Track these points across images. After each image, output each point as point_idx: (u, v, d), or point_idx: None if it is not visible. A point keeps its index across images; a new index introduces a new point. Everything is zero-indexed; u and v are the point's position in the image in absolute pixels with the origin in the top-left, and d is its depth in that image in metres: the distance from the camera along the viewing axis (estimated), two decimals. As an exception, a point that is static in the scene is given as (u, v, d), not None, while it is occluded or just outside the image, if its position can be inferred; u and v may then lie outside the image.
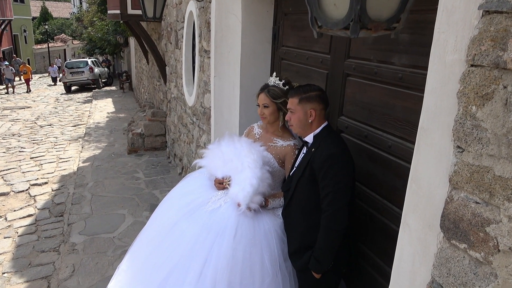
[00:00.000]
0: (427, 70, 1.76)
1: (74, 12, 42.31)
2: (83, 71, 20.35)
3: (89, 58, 22.59)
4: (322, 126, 1.99)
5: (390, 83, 1.96)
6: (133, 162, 6.89)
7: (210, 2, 3.47)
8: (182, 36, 4.82)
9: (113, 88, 21.08)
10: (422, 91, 1.79)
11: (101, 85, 21.27)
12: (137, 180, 6.00)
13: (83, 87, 20.65)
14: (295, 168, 2.08)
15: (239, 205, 2.15)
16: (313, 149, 1.93)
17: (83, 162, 7.04)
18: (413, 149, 1.85)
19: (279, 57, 3.17)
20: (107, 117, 11.78)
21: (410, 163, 1.89)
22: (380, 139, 2.05)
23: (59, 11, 53.55)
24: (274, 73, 2.36)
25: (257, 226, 2.12)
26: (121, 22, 10.98)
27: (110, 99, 15.87)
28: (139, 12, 6.03)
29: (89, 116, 12.19)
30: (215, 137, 3.56)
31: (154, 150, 7.41)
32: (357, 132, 2.23)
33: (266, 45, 3.26)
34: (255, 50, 3.24)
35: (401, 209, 1.95)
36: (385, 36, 2.05)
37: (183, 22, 4.69)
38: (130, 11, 6.33)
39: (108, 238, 4.17)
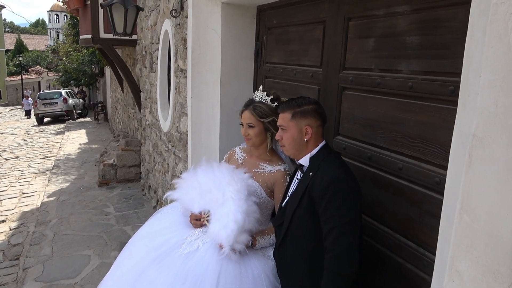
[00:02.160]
0: (444, 76, 1.48)
1: (50, 45, 41.93)
2: (56, 102, 19.71)
3: (63, 89, 22.01)
4: (320, 145, 1.66)
5: (397, 94, 1.66)
6: (103, 195, 6.35)
7: (186, 18, 3.19)
8: (157, 58, 4.51)
9: (88, 119, 20.45)
10: (439, 100, 1.50)
11: (75, 117, 20.62)
12: (106, 215, 5.46)
13: (57, 119, 19.93)
14: (288, 198, 1.71)
15: (221, 246, 1.75)
16: (310, 174, 1.58)
17: (48, 197, 6.44)
18: (430, 171, 1.54)
19: (263, 75, 2.88)
20: (78, 148, 11.18)
21: (426, 187, 1.58)
22: (387, 160, 1.73)
23: (35, 43, 53.11)
24: (261, 87, 2.04)
25: (244, 271, 1.72)
26: (97, 52, 10.67)
27: (84, 130, 15.25)
28: (112, 35, 5.72)
29: (59, 147, 11.55)
30: (193, 165, 3.17)
31: (127, 182, 6.89)
32: (358, 153, 1.91)
33: (249, 63, 2.97)
34: (236, 67, 2.94)
35: (419, 244, 1.62)
36: (388, 41, 1.78)
37: (158, 43, 4.39)
38: (102, 34, 6.01)
39: (68, 285, 3.61)
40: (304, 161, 1.66)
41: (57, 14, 50.38)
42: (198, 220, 1.96)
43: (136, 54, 6.41)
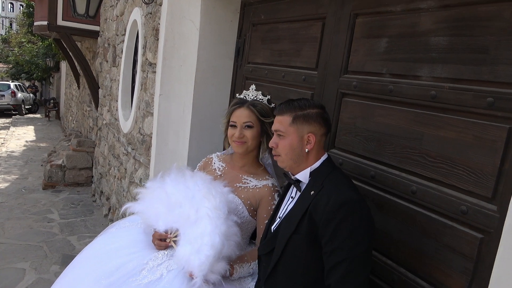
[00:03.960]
0: (480, 85, 1.25)
1: (1, 34, 39.19)
2: (3, 95, 18.24)
3: (12, 82, 20.45)
4: (322, 159, 1.38)
5: (415, 104, 1.42)
6: (48, 199, 5.69)
7: (160, 5, 2.83)
8: (122, 51, 4.08)
9: (38, 115, 19.07)
10: (471, 114, 1.24)
11: (23, 112, 19.17)
12: (49, 222, 4.85)
13: (2, 113, 18.39)
14: (280, 220, 1.40)
15: (191, 276, 1.41)
16: (312, 192, 1.28)
17: (-19, 199, 5.68)
18: (454, 197, 1.29)
19: (243, 76, 2.58)
20: (24, 145, 10.22)
21: (447, 216, 1.32)
22: (396, 181, 1.47)
23: (-16, 32, 49.56)
24: (253, 86, 1.72)
25: (220, 310, 1.38)
26: (53, 44, 9.87)
27: (32, 127, 14.11)
28: (72, 24, 5.20)
29: (2, 143, 10.51)
30: (156, 172, 2.79)
31: (76, 186, 6.26)
32: (358, 170, 1.64)
33: (228, 61, 2.66)
34: (214, 65, 2.62)
35: (432, 283, 1.36)
36: (406, 42, 1.54)
37: (124, 34, 3.97)
38: (60, 22, 5.42)
39: (-6, 306, 3.05)
40: (303, 176, 1.36)
41: (11, 3, 47.40)
42: (163, 241, 1.60)
43: (97, 47, 5.89)
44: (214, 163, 1.84)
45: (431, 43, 1.37)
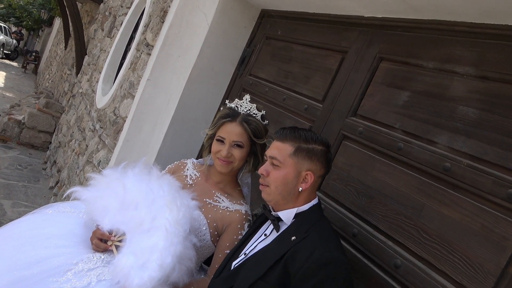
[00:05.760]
0: (503, 173, 1.12)
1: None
2: (-18, 31, 17.27)
3: (-2, 21, 19.50)
4: (313, 203, 1.21)
5: (424, 172, 1.28)
6: (-6, 153, 5.23)
7: (176, -11, 2.64)
8: (121, 24, 3.83)
9: (15, 64, 18.10)
10: (486, 201, 1.10)
11: (0, 55, 18.13)
12: (-13, 178, 4.42)
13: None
14: (246, 258, 1.20)
15: (125, 294, 1.17)
16: (293, 238, 1.10)
17: None
18: (443, 287, 1.15)
19: (241, 86, 2.41)
20: (-12, 90, 9.57)
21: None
22: (381, 248, 1.31)
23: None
24: (247, 96, 1.53)
25: None
26: (53, -2, 9.40)
27: (4, 73, 13.30)
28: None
29: (-36, 81, 9.81)
30: (119, 159, 2.53)
31: (30, 148, 5.80)
32: (340, 223, 1.48)
33: (229, 67, 2.49)
34: (214, 66, 2.44)
35: None
36: (430, 102, 1.41)
37: (129, 8, 3.74)
38: (68, -24, 5.13)
39: None
40: (286, 215, 1.18)
41: None
42: (104, 242, 1.36)
43: (96, 13, 5.59)
44: (187, 170, 1.63)
45: (458, 111, 1.25)
